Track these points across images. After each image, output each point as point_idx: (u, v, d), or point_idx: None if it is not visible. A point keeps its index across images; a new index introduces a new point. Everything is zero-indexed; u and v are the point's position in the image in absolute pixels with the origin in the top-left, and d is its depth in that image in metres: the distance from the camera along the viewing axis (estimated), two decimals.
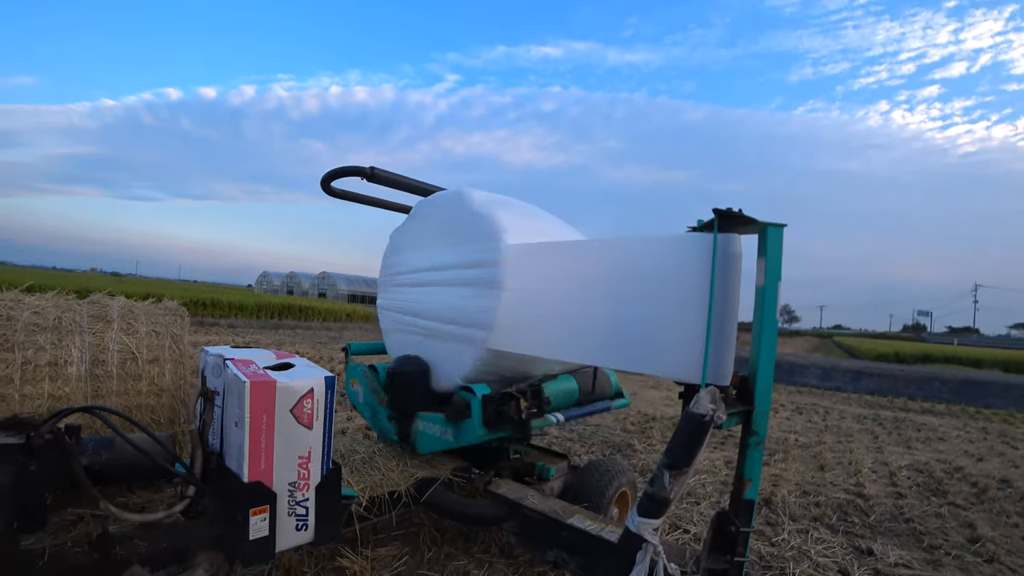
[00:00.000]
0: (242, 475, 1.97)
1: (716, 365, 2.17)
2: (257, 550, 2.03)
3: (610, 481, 3.15)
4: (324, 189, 3.51)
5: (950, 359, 27.28)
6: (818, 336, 61.83)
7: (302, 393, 2.06)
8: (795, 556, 3.55)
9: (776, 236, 2.23)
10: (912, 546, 3.96)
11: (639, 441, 6.51)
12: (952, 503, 5.05)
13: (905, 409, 12.12)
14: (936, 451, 7.52)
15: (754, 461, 2.22)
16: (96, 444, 2.16)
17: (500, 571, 2.96)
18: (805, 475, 5.60)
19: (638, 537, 2.12)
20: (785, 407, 10.60)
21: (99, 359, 3.58)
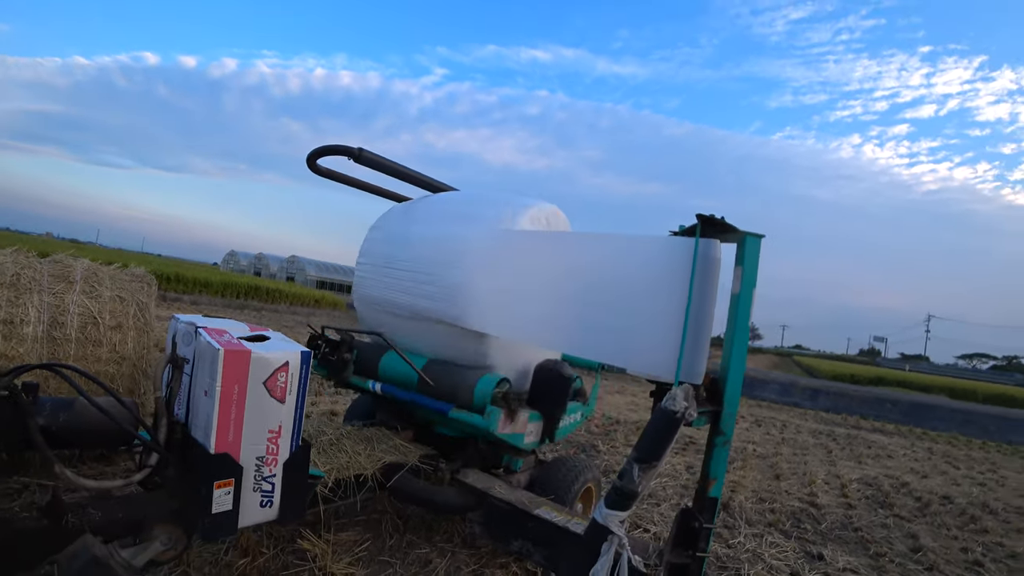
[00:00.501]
0: (208, 446, 1.92)
1: (690, 364, 2.21)
2: (219, 525, 1.98)
3: (576, 476, 3.17)
4: (309, 166, 3.44)
5: (901, 383, 28.42)
6: (779, 354, 63.62)
7: (277, 366, 2.02)
8: (750, 558, 3.65)
9: (754, 246, 2.29)
10: (859, 553, 4.11)
11: (603, 443, 6.59)
12: (897, 515, 5.27)
13: (857, 427, 12.58)
14: (884, 467, 7.83)
15: (720, 460, 2.27)
16: (54, 405, 2.08)
17: (462, 561, 2.95)
18: (762, 483, 5.76)
19: (604, 529, 2.15)
20: (745, 419, 10.87)
21: (58, 321, 3.43)
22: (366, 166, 3.33)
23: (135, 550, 1.99)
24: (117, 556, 1.87)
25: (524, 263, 2.79)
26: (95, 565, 1.80)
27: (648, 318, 2.31)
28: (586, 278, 2.56)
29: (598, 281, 2.51)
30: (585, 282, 2.55)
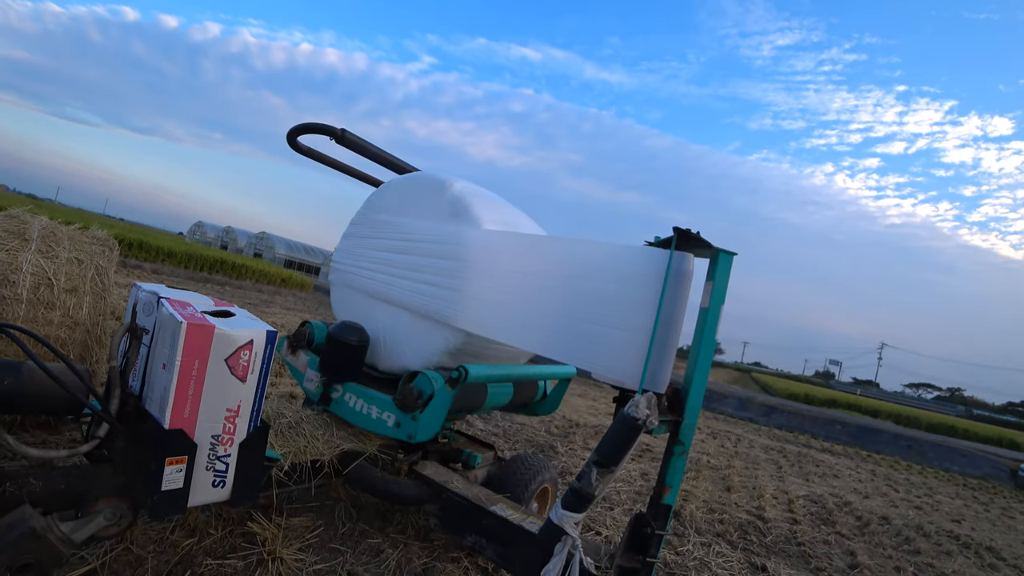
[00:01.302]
0: (163, 421, 1.87)
1: (655, 373, 2.25)
2: (168, 502, 1.92)
3: (534, 476, 3.20)
4: (289, 143, 3.37)
5: (852, 406, 29.47)
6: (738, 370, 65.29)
7: (240, 343, 1.97)
8: (697, 566, 3.74)
9: (726, 262, 2.35)
10: (801, 567, 4.26)
11: (562, 444, 6.65)
12: (839, 532, 5.48)
13: (808, 445, 13.00)
14: (830, 485, 8.12)
15: (676, 469, 2.32)
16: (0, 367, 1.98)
17: (415, 553, 2.93)
18: (713, 494, 5.91)
19: (559, 529, 2.18)
20: (702, 430, 11.12)
21: (8, 279, 3.27)
22: (347, 148, 3.28)
23: (76, 524, 1.92)
24: (56, 529, 1.80)
25: (503, 263, 2.80)
26: (32, 537, 1.73)
27: (617, 325, 2.34)
28: (561, 282, 2.58)
29: (572, 285, 2.53)
30: (560, 286, 2.57)
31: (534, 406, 3.80)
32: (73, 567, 2.17)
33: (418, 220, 3.18)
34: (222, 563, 2.45)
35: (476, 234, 2.92)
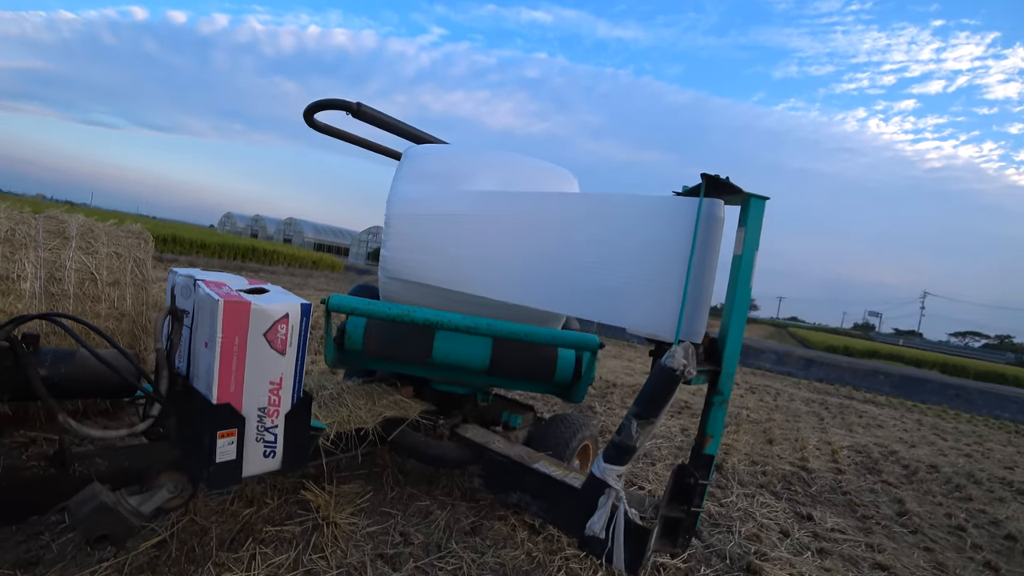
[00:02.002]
0: (211, 397, 1.93)
1: (690, 323, 2.22)
2: (223, 474, 2.00)
3: (574, 433, 3.22)
4: (306, 120, 3.37)
5: (894, 357, 28.71)
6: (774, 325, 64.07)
7: (277, 318, 2.01)
8: (741, 516, 3.75)
9: (758, 208, 2.27)
10: (847, 515, 4.23)
11: (600, 404, 6.69)
12: (885, 481, 5.39)
13: (849, 397, 12.76)
14: (874, 436, 7.98)
15: (717, 419, 2.30)
16: (55, 356, 2.08)
17: (462, 513, 3.02)
18: (755, 447, 5.88)
19: (602, 482, 2.19)
20: (740, 386, 11.02)
21: (55, 277, 3.41)
22: (364, 121, 3.27)
23: (142, 497, 2.03)
24: (125, 503, 1.91)
25: (532, 225, 2.77)
26: (104, 511, 1.83)
27: (649, 277, 2.31)
28: (587, 238, 2.54)
29: (601, 241, 2.50)
30: (587, 242, 2.54)
31: (561, 387, 3.23)
32: (145, 538, 2.30)
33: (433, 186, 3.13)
34: (281, 529, 2.56)
35: (492, 196, 2.88)
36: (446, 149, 3.44)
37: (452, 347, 3.07)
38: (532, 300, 2.72)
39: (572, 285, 2.56)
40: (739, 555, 3.13)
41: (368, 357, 3.22)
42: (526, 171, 3.23)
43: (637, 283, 2.37)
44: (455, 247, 2.99)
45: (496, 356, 3.09)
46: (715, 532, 3.42)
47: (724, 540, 3.31)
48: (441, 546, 2.67)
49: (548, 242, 2.69)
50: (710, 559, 3.04)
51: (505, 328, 2.81)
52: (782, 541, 3.47)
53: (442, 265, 3.03)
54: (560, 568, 2.63)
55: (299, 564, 2.35)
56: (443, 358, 3.08)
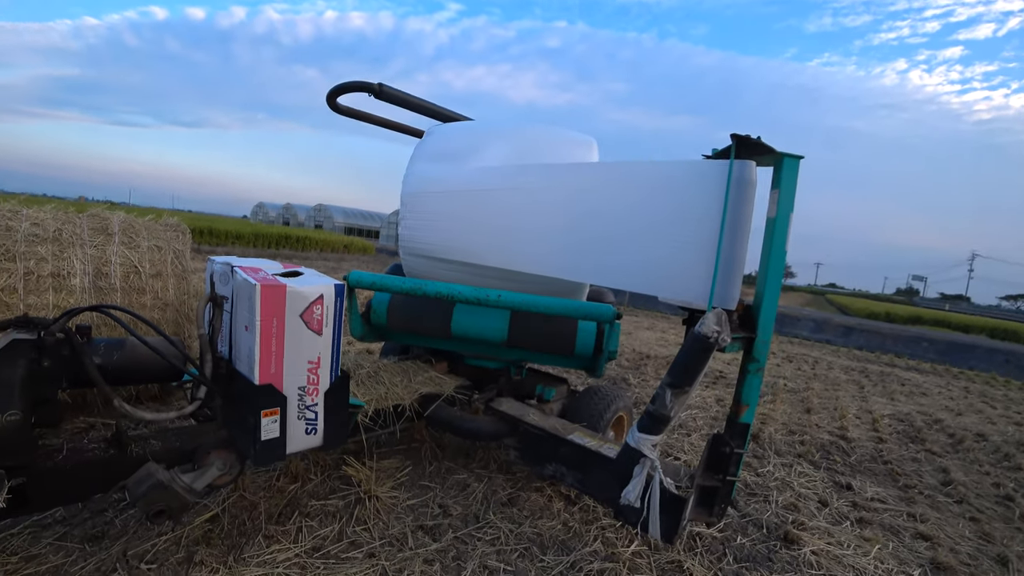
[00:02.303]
0: (253, 378, 2.01)
1: (723, 289, 2.18)
2: (269, 451, 2.09)
3: (608, 405, 3.23)
4: (329, 104, 3.40)
5: (939, 323, 27.61)
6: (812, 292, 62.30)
7: (312, 299, 2.06)
8: (779, 486, 3.71)
9: (792, 167, 2.20)
10: (888, 484, 4.14)
11: (633, 376, 6.69)
12: (929, 450, 5.25)
13: (891, 365, 12.39)
14: (918, 404, 7.74)
15: (752, 387, 2.27)
16: (107, 345, 2.18)
17: (499, 485, 3.08)
18: (792, 416, 5.79)
19: (637, 452, 2.20)
20: (776, 355, 10.81)
21: (102, 271, 3.56)
22: (387, 102, 3.28)
23: (194, 474, 2.14)
24: (179, 480, 2.01)
25: (555, 196, 2.75)
26: (160, 488, 1.94)
27: (679, 244, 2.27)
28: (617, 207, 2.51)
29: (630, 210, 2.46)
30: (617, 211, 2.51)
31: (583, 359, 3.18)
32: (199, 513, 2.43)
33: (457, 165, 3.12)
34: (325, 503, 2.67)
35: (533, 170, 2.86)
36: (462, 126, 3.44)
37: (471, 320, 3.10)
38: (560, 271, 2.72)
39: (601, 255, 2.54)
40: (776, 524, 3.12)
41: (393, 331, 3.33)
42: (543, 141, 3.19)
43: (668, 250, 2.34)
44: (469, 222, 2.99)
45: (514, 329, 3.10)
46: (752, 502, 3.41)
47: (761, 509, 3.29)
48: (479, 517, 2.74)
49: (573, 213, 2.66)
50: (746, 528, 3.03)
51: (516, 299, 2.79)
52: (820, 510, 3.43)
53: (459, 239, 3.05)
54: (596, 538, 2.67)
55: (343, 536, 2.44)
56: (462, 331, 3.12)
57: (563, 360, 3.26)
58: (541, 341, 3.13)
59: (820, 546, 2.91)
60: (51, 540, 2.17)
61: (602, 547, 2.60)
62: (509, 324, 3.10)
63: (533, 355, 3.30)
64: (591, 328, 3.09)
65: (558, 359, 3.26)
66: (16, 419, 1.78)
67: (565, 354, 3.14)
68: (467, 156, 3.11)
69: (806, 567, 2.70)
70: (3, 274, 3.24)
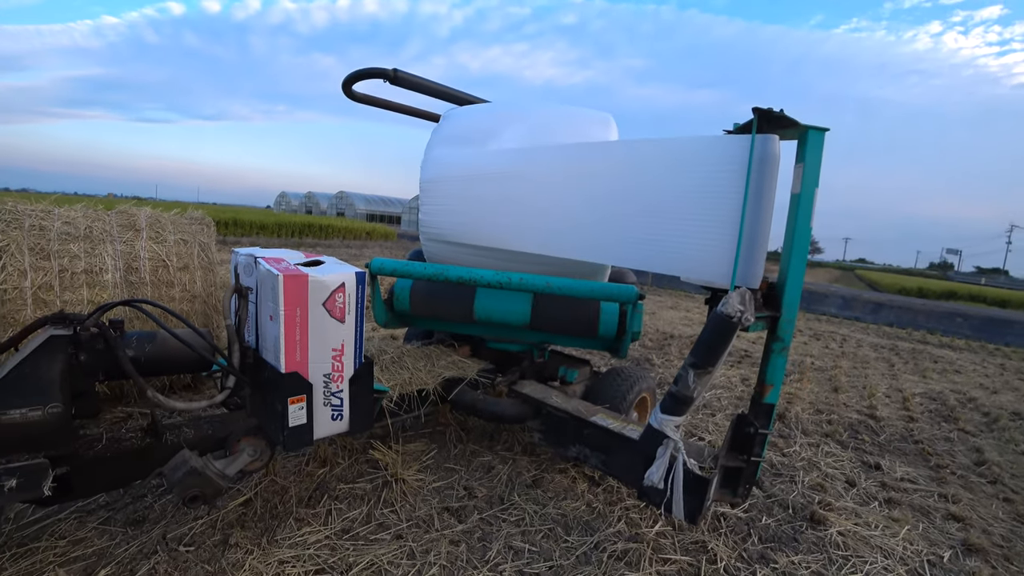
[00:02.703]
0: (279, 366, 2.05)
1: (746, 268, 2.15)
2: (297, 437, 2.14)
3: (631, 386, 3.22)
4: (345, 92, 3.41)
5: (975, 297, 26.71)
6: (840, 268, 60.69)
7: (334, 287, 2.09)
8: (805, 466, 3.67)
9: (817, 141, 2.14)
10: (919, 464, 4.05)
11: (657, 356, 6.66)
12: (962, 429, 5.11)
13: (923, 342, 12.07)
14: (951, 382, 7.55)
15: (777, 367, 2.24)
16: (140, 338, 2.25)
17: (523, 467, 3.12)
18: (819, 395, 5.70)
19: (660, 433, 2.20)
20: (803, 332, 10.63)
21: (132, 266, 3.67)
22: (402, 87, 3.27)
23: (227, 461, 2.21)
24: (212, 466, 2.08)
25: (574, 177, 2.72)
26: (194, 474, 2.02)
27: (701, 222, 2.24)
28: (638, 186, 2.47)
29: (651, 189, 2.42)
30: (638, 191, 2.47)
31: (606, 341, 3.17)
32: (232, 497, 2.51)
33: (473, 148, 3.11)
34: (353, 486, 2.74)
35: (548, 152, 2.83)
36: (477, 109, 3.42)
37: (493, 304, 3.12)
38: (582, 253, 2.70)
39: (622, 236, 2.51)
40: (802, 505, 3.09)
41: (416, 317, 3.36)
42: (559, 120, 3.15)
43: (689, 229, 2.30)
44: (487, 205, 2.99)
45: (537, 312, 3.10)
46: (777, 482, 3.38)
47: (787, 490, 3.27)
48: (504, 499, 2.78)
49: (594, 193, 2.63)
50: (772, 509, 3.02)
51: (538, 282, 2.78)
52: (847, 491, 3.38)
53: (477, 223, 3.05)
54: (620, 518, 2.68)
55: (371, 518, 2.50)
56: (485, 315, 3.14)
57: (586, 342, 3.25)
58: (564, 323, 3.12)
59: (847, 527, 2.88)
60: (95, 524, 2.27)
61: (626, 527, 2.61)
62: (532, 307, 3.10)
63: (556, 337, 3.30)
64: (614, 309, 3.07)
65: (581, 341, 3.25)
66: (57, 411, 1.86)
67: (588, 336, 3.13)
68: (483, 139, 3.10)
69: (832, 548, 2.67)
70: (39, 272, 3.36)
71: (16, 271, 3.27)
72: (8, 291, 3.25)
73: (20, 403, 1.80)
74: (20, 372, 1.80)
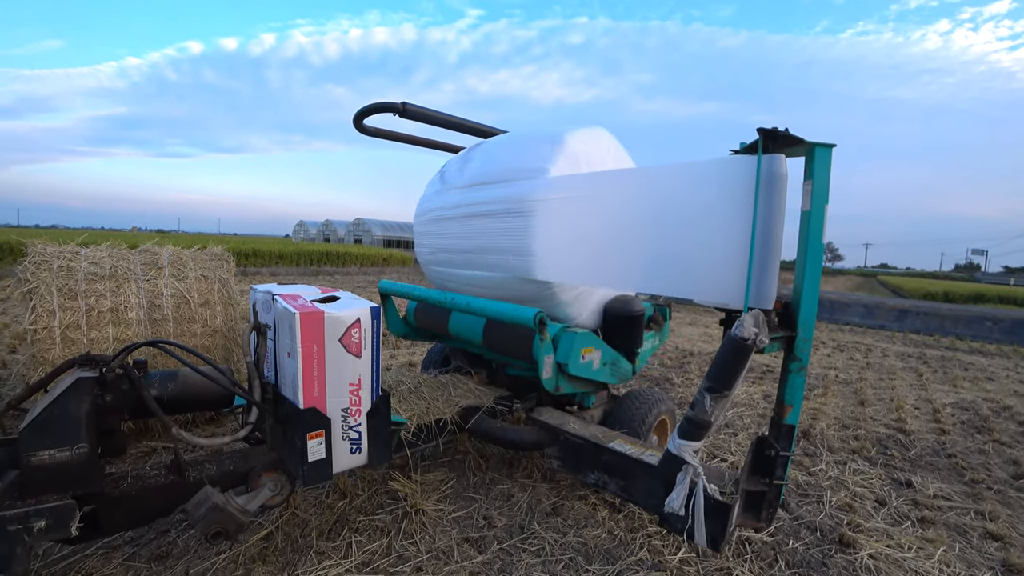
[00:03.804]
0: (298, 402, 2.09)
1: (759, 289, 2.13)
2: (316, 471, 2.17)
3: (649, 409, 3.20)
4: (356, 127, 3.50)
5: (1004, 299, 26.00)
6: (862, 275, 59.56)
7: (349, 323, 2.13)
8: (832, 486, 3.58)
9: (824, 157, 2.14)
10: (953, 480, 3.92)
11: (677, 375, 6.57)
12: (997, 440, 4.94)
13: (952, 348, 11.75)
14: (983, 390, 7.32)
15: (795, 387, 2.22)
16: (163, 377, 2.31)
17: (543, 494, 3.09)
18: (845, 410, 5.57)
19: (678, 459, 2.18)
20: (826, 344, 10.43)
21: (155, 304, 3.77)
22: (412, 119, 3.35)
23: (248, 496, 2.24)
24: (234, 502, 2.11)
25: (583, 205, 2.75)
26: (216, 510, 2.04)
27: (712, 245, 2.24)
28: (646, 212, 2.49)
29: (658, 214, 2.44)
30: (645, 216, 2.49)
31: None
32: (254, 532, 2.53)
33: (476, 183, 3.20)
34: (373, 518, 2.74)
35: (542, 183, 2.86)
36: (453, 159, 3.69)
37: (459, 322, 3.44)
38: (588, 279, 2.71)
39: (629, 259, 2.52)
40: (830, 527, 3.01)
41: (420, 329, 3.90)
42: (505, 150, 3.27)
43: (700, 252, 2.31)
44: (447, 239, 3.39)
45: (486, 332, 3.25)
46: (804, 503, 3.30)
47: (814, 511, 3.18)
48: (524, 528, 2.76)
49: (608, 220, 2.65)
50: (799, 532, 2.94)
51: (471, 303, 3.03)
52: (878, 511, 3.28)
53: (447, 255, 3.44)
54: (642, 546, 2.64)
55: (391, 550, 2.50)
56: (456, 332, 3.47)
57: (529, 367, 3.18)
58: (507, 344, 3.16)
59: (878, 549, 2.79)
60: (121, 560, 2.30)
61: (648, 555, 2.57)
62: (483, 328, 3.27)
63: (506, 358, 3.38)
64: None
65: (525, 364, 3.20)
66: (84, 451, 1.91)
67: (526, 360, 3.03)
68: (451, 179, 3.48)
69: (864, 572, 2.60)
70: (67, 312, 3.47)
71: (45, 311, 3.39)
72: (38, 331, 3.36)
73: (50, 444, 1.85)
74: (49, 414, 1.86)
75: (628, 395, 3.39)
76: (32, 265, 3.49)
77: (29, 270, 3.46)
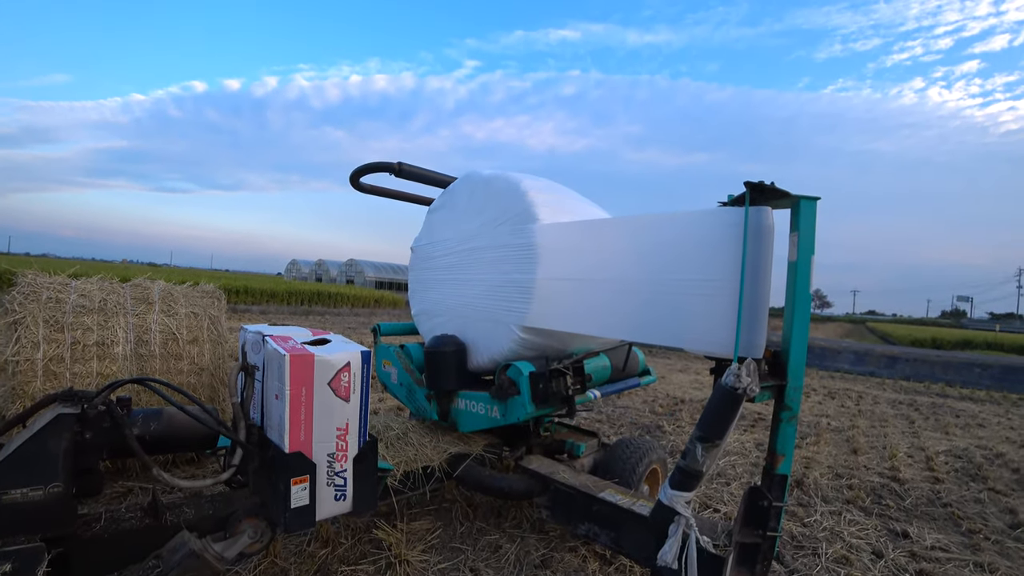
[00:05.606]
0: (283, 446, 2.04)
1: (748, 338, 2.15)
2: (298, 517, 2.10)
3: (640, 458, 3.16)
4: (353, 185, 3.56)
5: (991, 345, 26.28)
6: (851, 322, 60.11)
7: (339, 367, 2.11)
8: (828, 537, 3.51)
9: (809, 209, 2.20)
10: (950, 530, 3.87)
11: (668, 423, 6.49)
12: (992, 489, 4.90)
13: (943, 395, 11.77)
14: (976, 437, 7.30)
15: (787, 436, 2.21)
16: (146, 415, 2.26)
17: (532, 545, 3.00)
18: (838, 458, 5.52)
19: (670, 510, 2.14)
20: (817, 391, 10.41)
21: (143, 339, 3.72)
22: (407, 179, 3.41)
23: (226, 543, 2.16)
24: (211, 549, 2.03)
25: (573, 254, 2.79)
26: (193, 557, 1.97)
27: (701, 295, 2.26)
28: (637, 263, 2.53)
29: (648, 263, 2.48)
30: (636, 267, 2.52)
31: None
32: None
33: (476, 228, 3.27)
34: (355, 569, 2.64)
35: (535, 229, 2.92)
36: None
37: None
38: (579, 327, 2.72)
39: (619, 308, 2.54)
40: None
41: None
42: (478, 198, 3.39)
43: (689, 302, 2.33)
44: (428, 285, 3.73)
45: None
46: (799, 555, 3.23)
47: (809, 564, 3.11)
48: None
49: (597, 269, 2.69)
50: None
51: None
52: (875, 563, 3.21)
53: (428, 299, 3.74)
54: None
55: None
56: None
57: None
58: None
59: None
60: None
61: None
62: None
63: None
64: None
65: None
66: (58, 491, 1.84)
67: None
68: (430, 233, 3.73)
69: None
70: (52, 344, 3.41)
71: (30, 343, 3.33)
72: (20, 362, 3.29)
73: (23, 482, 1.79)
74: (26, 451, 1.80)
75: (619, 443, 3.35)
76: (20, 295, 3.45)
77: (17, 300, 3.42)
